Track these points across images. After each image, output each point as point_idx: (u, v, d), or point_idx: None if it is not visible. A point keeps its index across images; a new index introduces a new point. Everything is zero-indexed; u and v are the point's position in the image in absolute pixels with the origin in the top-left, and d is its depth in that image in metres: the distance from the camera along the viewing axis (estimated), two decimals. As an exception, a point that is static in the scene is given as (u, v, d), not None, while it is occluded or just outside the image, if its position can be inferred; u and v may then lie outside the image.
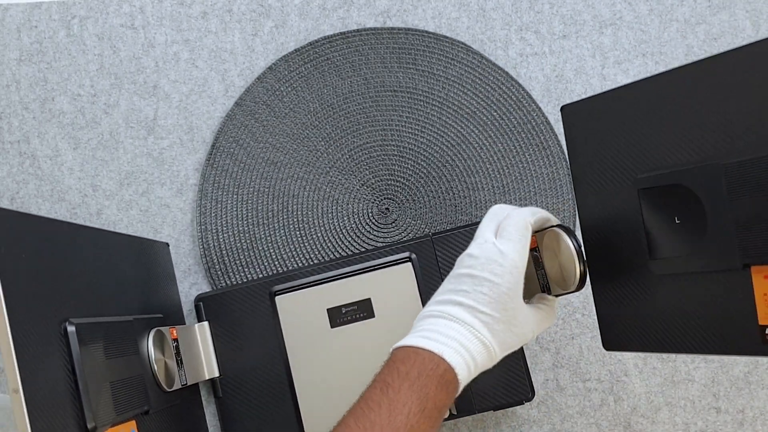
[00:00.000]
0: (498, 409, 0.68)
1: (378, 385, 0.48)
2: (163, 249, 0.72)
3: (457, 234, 0.69)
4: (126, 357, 0.55)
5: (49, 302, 0.48)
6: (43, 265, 0.49)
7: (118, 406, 0.52)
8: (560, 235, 0.56)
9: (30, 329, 0.45)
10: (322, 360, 0.68)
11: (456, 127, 0.75)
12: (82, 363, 0.49)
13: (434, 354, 0.49)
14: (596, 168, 0.58)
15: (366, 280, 0.69)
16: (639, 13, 0.77)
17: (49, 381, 0.46)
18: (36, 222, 0.50)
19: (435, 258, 0.69)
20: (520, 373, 0.68)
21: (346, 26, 0.77)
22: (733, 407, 0.72)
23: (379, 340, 0.68)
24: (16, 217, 0.47)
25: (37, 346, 0.45)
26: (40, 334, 0.46)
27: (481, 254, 0.52)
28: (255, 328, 0.70)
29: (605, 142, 0.57)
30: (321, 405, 0.68)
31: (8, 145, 0.75)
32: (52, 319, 0.48)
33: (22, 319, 0.44)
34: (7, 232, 0.45)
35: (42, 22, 0.77)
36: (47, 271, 0.49)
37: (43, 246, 0.50)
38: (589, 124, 0.59)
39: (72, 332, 0.49)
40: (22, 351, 0.43)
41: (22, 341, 0.44)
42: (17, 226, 0.47)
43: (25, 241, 0.47)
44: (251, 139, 0.76)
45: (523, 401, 0.68)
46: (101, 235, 0.59)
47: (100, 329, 0.53)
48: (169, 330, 0.64)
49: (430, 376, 0.48)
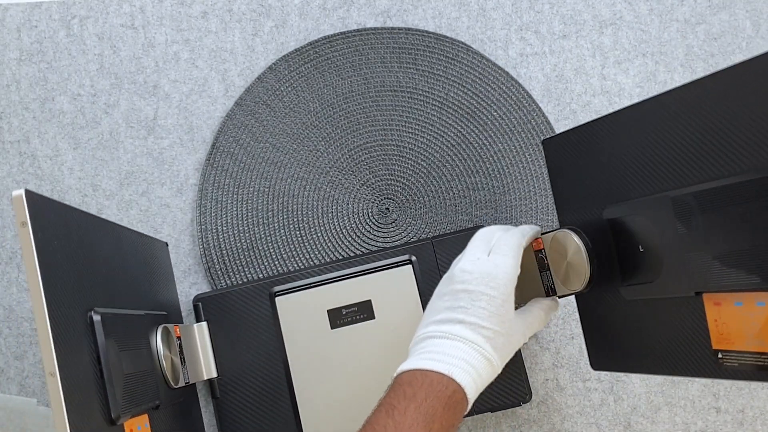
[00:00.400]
0: (496, 410, 0.68)
1: (383, 408, 0.48)
2: (163, 248, 0.72)
3: (457, 237, 0.70)
4: (138, 350, 0.56)
5: (76, 289, 0.49)
6: (71, 252, 0.50)
7: (134, 399, 0.53)
8: (569, 236, 0.57)
9: (61, 314, 0.46)
10: (322, 361, 0.68)
11: (456, 127, 0.75)
12: (107, 353, 0.50)
13: (443, 375, 0.49)
14: (574, 198, 0.61)
15: (366, 281, 0.69)
16: (639, 13, 0.77)
17: (78, 368, 0.46)
18: (64, 210, 0.51)
19: (435, 261, 0.69)
20: (518, 375, 0.68)
21: (346, 26, 0.77)
22: (733, 407, 0.72)
23: (379, 341, 0.68)
24: (48, 203, 0.48)
25: (68, 332, 0.46)
26: (69, 320, 0.47)
27: (475, 269, 0.52)
28: (254, 329, 0.70)
29: (581, 174, 0.59)
30: (320, 407, 0.68)
31: (8, 145, 0.75)
32: (79, 307, 0.49)
33: (55, 303, 0.45)
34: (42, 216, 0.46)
35: (42, 22, 0.77)
36: (75, 259, 0.50)
37: (71, 234, 0.50)
38: (566, 156, 0.61)
39: (98, 321, 0.50)
40: (56, 335, 0.44)
41: (56, 325, 0.44)
42: (50, 211, 0.48)
43: (56, 227, 0.48)
44: (251, 139, 0.76)
45: (521, 403, 0.68)
46: (115, 229, 0.60)
47: (119, 321, 0.53)
48: (173, 327, 0.64)
49: (438, 398, 0.48)
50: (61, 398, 0.43)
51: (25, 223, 0.44)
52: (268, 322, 0.69)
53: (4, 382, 0.72)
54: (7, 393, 0.72)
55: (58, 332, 0.44)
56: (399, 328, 0.68)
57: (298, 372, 0.68)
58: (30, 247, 0.44)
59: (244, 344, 0.70)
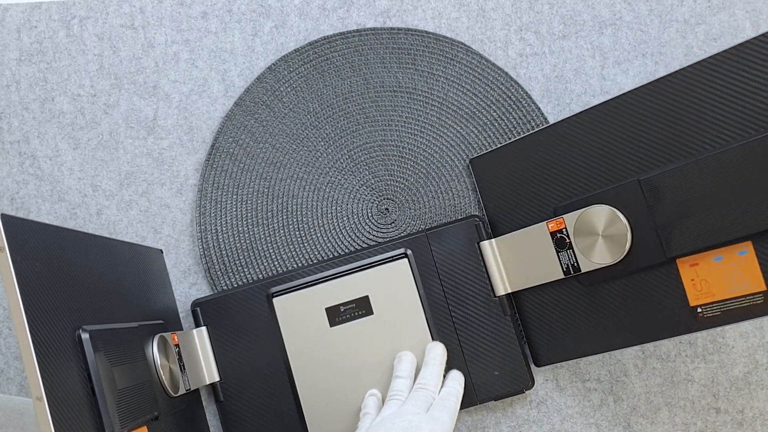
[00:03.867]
0: (499, 398, 0.68)
1: None
2: (157, 255, 0.72)
3: (450, 229, 0.70)
4: (134, 363, 0.56)
5: (62, 309, 0.48)
6: (53, 272, 0.49)
7: (130, 413, 0.52)
8: (607, 210, 0.61)
9: (47, 337, 0.45)
10: (323, 360, 0.68)
11: (456, 127, 0.75)
12: (98, 370, 0.49)
13: None
14: (511, 207, 0.70)
15: (363, 277, 0.69)
16: (639, 13, 0.77)
17: (68, 388, 0.46)
18: (45, 229, 0.50)
19: (431, 253, 0.70)
20: (519, 363, 0.68)
21: (346, 26, 0.77)
22: (732, 407, 0.72)
23: (379, 336, 0.68)
24: (27, 225, 0.47)
25: (55, 354, 0.45)
26: (55, 341, 0.46)
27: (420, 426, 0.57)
28: (254, 331, 0.70)
29: (519, 184, 0.69)
30: (324, 405, 0.68)
31: (8, 145, 0.75)
32: (65, 327, 0.48)
33: (40, 326, 0.44)
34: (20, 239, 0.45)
35: (42, 22, 0.77)
36: (59, 279, 0.49)
37: (52, 253, 0.50)
38: (497, 171, 0.71)
39: (86, 339, 0.49)
40: (42, 358, 0.43)
41: (41, 349, 0.44)
42: (29, 233, 0.47)
43: (36, 249, 0.47)
44: (251, 140, 0.76)
45: (524, 390, 0.68)
46: (102, 242, 0.60)
47: (109, 336, 0.53)
48: (171, 336, 0.64)
49: None
50: (49, 423, 0.42)
51: (2, 248, 0.43)
52: (267, 323, 0.69)
53: (4, 382, 0.72)
54: (7, 393, 0.72)
55: (43, 355, 0.43)
56: (398, 323, 0.69)
57: (300, 371, 0.68)
58: (9, 272, 0.43)
59: (245, 346, 0.70)
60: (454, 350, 0.68)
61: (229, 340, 0.70)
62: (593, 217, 0.62)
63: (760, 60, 0.56)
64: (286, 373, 0.69)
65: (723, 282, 0.57)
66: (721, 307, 0.57)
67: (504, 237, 0.69)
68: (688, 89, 0.59)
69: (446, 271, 0.70)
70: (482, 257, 0.70)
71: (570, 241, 0.64)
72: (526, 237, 0.67)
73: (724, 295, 0.57)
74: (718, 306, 0.58)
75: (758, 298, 0.56)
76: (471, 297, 0.69)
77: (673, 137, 0.60)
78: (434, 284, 0.69)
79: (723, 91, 0.58)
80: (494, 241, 0.70)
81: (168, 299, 0.71)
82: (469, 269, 0.69)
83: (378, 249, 0.70)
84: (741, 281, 0.56)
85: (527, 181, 0.68)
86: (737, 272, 0.56)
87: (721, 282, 0.57)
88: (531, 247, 0.67)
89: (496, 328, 0.69)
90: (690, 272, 0.59)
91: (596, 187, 0.64)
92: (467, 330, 0.69)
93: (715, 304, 0.58)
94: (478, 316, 0.69)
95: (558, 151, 0.66)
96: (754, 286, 0.56)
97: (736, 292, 0.57)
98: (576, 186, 0.65)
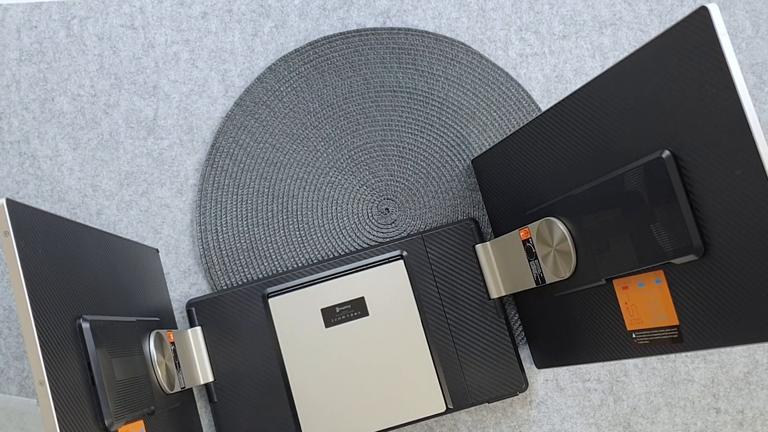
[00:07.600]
0: (493, 401, 0.68)
1: None
2: (153, 254, 0.72)
3: (446, 231, 0.70)
4: (131, 357, 0.56)
5: (63, 297, 0.49)
6: (55, 259, 0.49)
7: (128, 405, 0.52)
8: (554, 224, 0.58)
9: (49, 322, 0.46)
10: (318, 360, 0.68)
11: (456, 127, 0.76)
12: (98, 360, 0.49)
13: None
14: (503, 207, 0.68)
15: (359, 279, 0.69)
16: (639, 13, 0.77)
17: (69, 376, 0.46)
18: (47, 217, 0.51)
19: (426, 255, 0.70)
20: (513, 366, 0.68)
21: (346, 26, 0.77)
22: (732, 407, 0.72)
23: (374, 337, 0.68)
24: (30, 212, 0.48)
25: (56, 340, 0.46)
26: (57, 328, 0.47)
27: None
28: (249, 331, 0.70)
29: (506, 185, 0.67)
30: (318, 405, 0.68)
31: (8, 145, 0.75)
32: (67, 315, 0.49)
33: (42, 311, 0.45)
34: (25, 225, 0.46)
35: (42, 22, 0.77)
36: (61, 267, 0.50)
37: (54, 241, 0.50)
38: (492, 170, 0.68)
39: (87, 328, 0.50)
40: (44, 343, 0.44)
41: (43, 334, 0.44)
42: (32, 220, 0.48)
43: (39, 236, 0.48)
44: (251, 140, 0.76)
45: (517, 392, 0.68)
46: (100, 236, 0.60)
47: (108, 327, 0.53)
48: (167, 333, 0.64)
49: None
50: (51, 407, 0.42)
51: (7, 233, 0.44)
52: (263, 323, 0.69)
53: (4, 382, 0.72)
54: (7, 393, 0.72)
55: (46, 340, 0.44)
56: (393, 324, 0.69)
57: (295, 372, 0.68)
58: (13, 256, 0.44)
59: (240, 347, 0.70)
60: (448, 352, 0.69)
61: (224, 341, 0.70)
62: (547, 230, 0.60)
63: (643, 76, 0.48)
64: (280, 374, 0.69)
65: (647, 309, 0.52)
66: (649, 336, 0.52)
67: (496, 240, 0.69)
68: (598, 103, 0.53)
69: (442, 273, 0.70)
70: (477, 260, 0.70)
71: (535, 251, 0.61)
72: (508, 243, 0.67)
73: (650, 324, 0.52)
74: (647, 334, 0.52)
75: (674, 332, 0.50)
76: (466, 299, 0.69)
77: (597, 149, 0.53)
78: (430, 286, 0.70)
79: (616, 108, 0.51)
80: (488, 244, 0.70)
81: (163, 298, 0.71)
82: (464, 271, 0.70)
83: (374, 250, 0.70)
84: (659, 311, 0.51)
85: (511, 182, 0.65)
86: (656, 300, 0.51)
87: (646, 309, 0.52)
88: (512, 253, 0.65)
89: (490, 330, 0.69)
90: (623, 295, 0.53)
91: (552, 195, 0.59)
92: (462, 332, 0.69)
93: (645, 332, 0.52)
94: (472, 318, 0.69)
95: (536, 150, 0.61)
96: (669, 319, 0.50)
97: (657, 322, 0.51)
98: (542, 192, 0.61)
